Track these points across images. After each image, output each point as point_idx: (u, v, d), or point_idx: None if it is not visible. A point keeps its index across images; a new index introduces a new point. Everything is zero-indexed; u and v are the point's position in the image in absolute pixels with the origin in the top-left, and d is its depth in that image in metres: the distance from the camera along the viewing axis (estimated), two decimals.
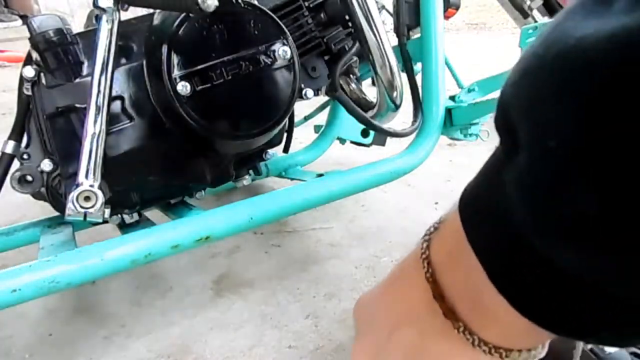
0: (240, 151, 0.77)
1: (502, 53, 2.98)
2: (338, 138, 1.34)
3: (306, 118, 1.27)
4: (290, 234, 1.08)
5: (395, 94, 0.87)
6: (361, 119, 0.82)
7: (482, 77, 1.07)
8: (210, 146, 0.73)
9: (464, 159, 1.46)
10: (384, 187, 1.27)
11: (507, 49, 3.06)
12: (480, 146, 1.59)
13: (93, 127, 0.60)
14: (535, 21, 1.72)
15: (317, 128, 1.36)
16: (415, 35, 1.01)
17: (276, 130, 0.74)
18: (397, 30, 0.97)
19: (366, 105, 0.92)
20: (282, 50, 0.67)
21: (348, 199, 1.22)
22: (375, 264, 0.93)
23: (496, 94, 1.03)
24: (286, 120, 0.73)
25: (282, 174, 1.19)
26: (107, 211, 0.62)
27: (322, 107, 1.23)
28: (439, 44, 0.94)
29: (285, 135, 0.93)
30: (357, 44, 0.87)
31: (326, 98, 1.24)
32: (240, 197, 0.78)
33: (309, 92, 0.81)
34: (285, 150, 0.97)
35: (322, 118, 1.36)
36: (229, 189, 1.15)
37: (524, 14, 1.77)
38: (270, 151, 0.89)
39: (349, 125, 1.31)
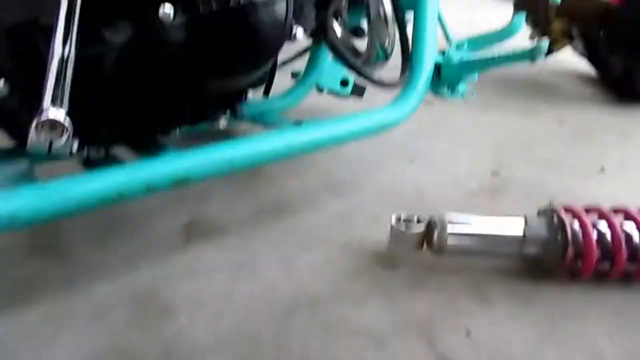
0: (223, 89, 0.71)
1: (493, 11, 2.94)
2: (316, 86, 1.29)
3: (284, 62, 1.20)
4: (264, 181, 1.04)
5: (387, 42, 0.82)
6: (350, 65, 0.78)
7: (471, 33, 1.04)
8: (191, 80, 0.67)
9: (440, 117, 1.45)
10: (361, 142, 1.25)
11: (499, 7, 3.04)
12: (457, 105, 1.58)
13: (61, 47, 0.53)
14: None
15: (295, 74, 1.30)
16: None
17: (263, 69, 0.69)
18: None
19: (354, 53, 0.88)
20: None
21: (323, 151, 1.19)
22: (350, 216, 0.92)
23: (485, 52, 1.01)
24: (275, 58, 0.68)
25: (256, 119, 1.14)
26: (75, 144, 0.56)
27: (302, 52, 1.17)
28: None
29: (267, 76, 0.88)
30: None
31: (305, 44, 1.18)
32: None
33: (299, 31, 0.76)
34: (266, 93, 0.91)
35: (299, 65, 1.30)
36: (199, 131, 1.09)
37: None
38: (249, 92, 0.83)
39: (329, 73, 1.26)
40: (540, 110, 1.54)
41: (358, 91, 1.34)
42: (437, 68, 0.90)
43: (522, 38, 1.49)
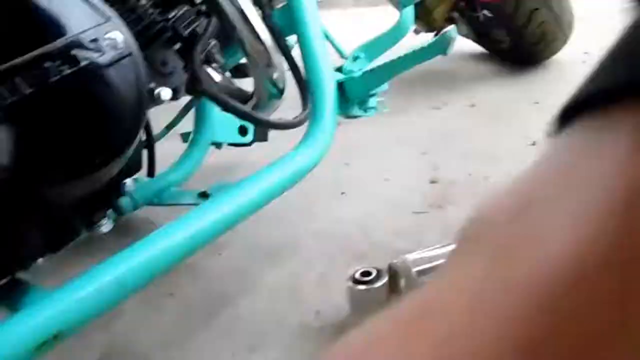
0: (82, 194, 0.53)
1: (380, 16, 2.93)
2: (213, 143, 1.13)
3: (168, 127, 1.04)
4: (181, 271, 0.86)
5: (275, 75, 0.69)
6: (240, 114, 0.64)
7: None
8: (33, 197, 0.49)
9: (353, 137, 1.34)
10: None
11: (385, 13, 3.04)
12: (365, 119, 1.49)
13: None
14: None
15: (185, 137, 1.14)
16: (279, 3, 0.84)
17: (129, 153, 0.52)
18: None
19: (241, 97, 0.74)
20: (110, 36, 0.46)
21: None
22: (294, 287, 0.76)
23: (385, 58, 0.90)
24: (139, 136, 0.52)
25: (154, 202, 0.96)
26: None
27: (185, 110, 1.01)
28: (310, 8, 0.78)
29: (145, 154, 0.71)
30: (213, 23, 0.68)
31: (187, 99, 1.02)
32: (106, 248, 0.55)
33: (164, 92, 0.60)
34: (150, 173, 0.74)
35: (187, 125, 1.14)
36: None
37: None
38: (128, 181, 0.66)
39: (222, 125, 1.11)
40: (450, 100, 1.49)
41: (261, 135, 1.20)
42: (341, 87, 0.78)
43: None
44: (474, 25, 1.74)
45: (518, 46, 1.55)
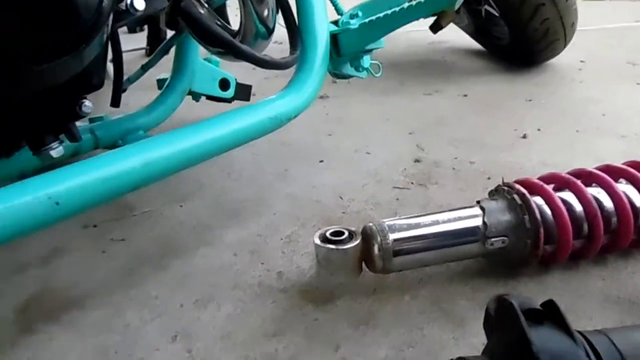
0: (29, 92, 0.46)
1: None
2: (190, 93, 1.05)
3: (144, 67, 0.96)
4: (137, 219, 0.79)
5: (265, 12, 0.63)
6: (221, 40, 0.56)
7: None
8: None
9: (339, 111, 1.28)
10: (253, 149, 1.03)
11: None
12: (356, 95, 1.43)
13: None
14: None
15: (160, 83, 1.06)
16: None
17: (86, 60, 0.45)
18: None
19: (226, 31, 0.67)
20: None
21: (210, 167, 0.96)
22: (260, 246, 0.70)
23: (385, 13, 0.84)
24: (98, 38, 0.44)
25: (118, 143, 0.88)
26: None
27: (163, 51, 0.93)
28: None
29: (110, 82, 0.63)
30: None
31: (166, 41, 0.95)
32: None
33: (137, 1, 0.53)
34: (114, 102, 0.66)
35: (165, 67, 1.06)
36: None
37: None
38: (87, 103, 0.58)
39: (202, 74, 1.04)
40: (443, 88, 1.44)
41: (243, 92, 1.14)
42: (334, 39, 0.71)
43: None
44: (475, 19, 1.70)
45: (518, 43, 1.51)
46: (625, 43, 1.97)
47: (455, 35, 1.91)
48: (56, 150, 0.57)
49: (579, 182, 0.61)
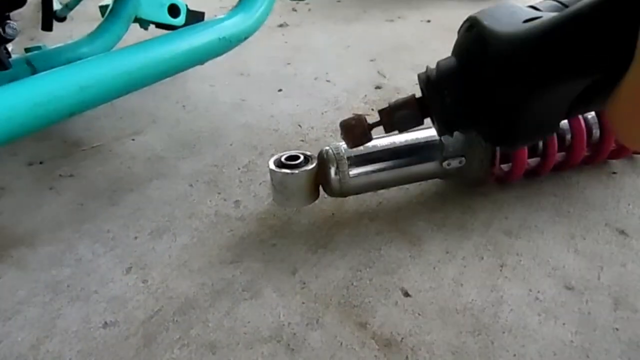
0: None
1: None
2: (137, 20, 0.98)
3: None
4: (86, 154, 0.75)
5: None
6: None
7: None
8: None
9: (299, 40, 1.23)
10: (209, 80, 0.99)
11: None
12: (317, 23, 1.37)
13: None
14: None
15: (102, 9, 0.98)
16: None
17: None
18: None
19: None
20: None
21: (165, 100, 0.92)
22: (216, 176, 0.68)
23: None
24: None
25: None
26: None
27: None
28: None
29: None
30: None
31: None
32: None
33: None
34: (45, 25, 0.61)
35: None
36: None
37: None
38: (13, 24, 0.53)
39: (150, 0, 0.96)
40: (406, 14, 1.39)
41: (195, 19, 1.07)
42: None
43: None
44: None
45: None
46: None
47: None
48: None
49: None
